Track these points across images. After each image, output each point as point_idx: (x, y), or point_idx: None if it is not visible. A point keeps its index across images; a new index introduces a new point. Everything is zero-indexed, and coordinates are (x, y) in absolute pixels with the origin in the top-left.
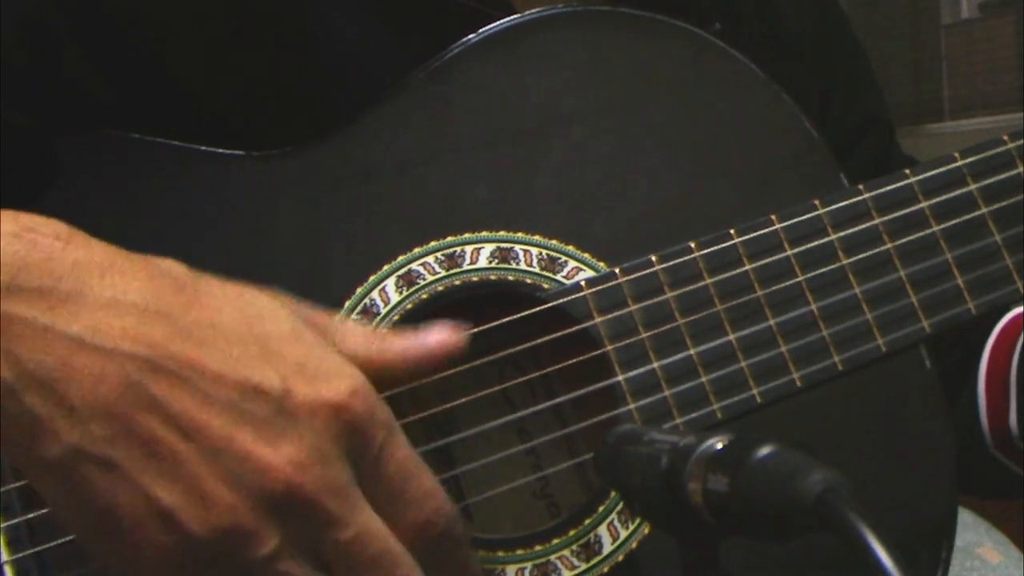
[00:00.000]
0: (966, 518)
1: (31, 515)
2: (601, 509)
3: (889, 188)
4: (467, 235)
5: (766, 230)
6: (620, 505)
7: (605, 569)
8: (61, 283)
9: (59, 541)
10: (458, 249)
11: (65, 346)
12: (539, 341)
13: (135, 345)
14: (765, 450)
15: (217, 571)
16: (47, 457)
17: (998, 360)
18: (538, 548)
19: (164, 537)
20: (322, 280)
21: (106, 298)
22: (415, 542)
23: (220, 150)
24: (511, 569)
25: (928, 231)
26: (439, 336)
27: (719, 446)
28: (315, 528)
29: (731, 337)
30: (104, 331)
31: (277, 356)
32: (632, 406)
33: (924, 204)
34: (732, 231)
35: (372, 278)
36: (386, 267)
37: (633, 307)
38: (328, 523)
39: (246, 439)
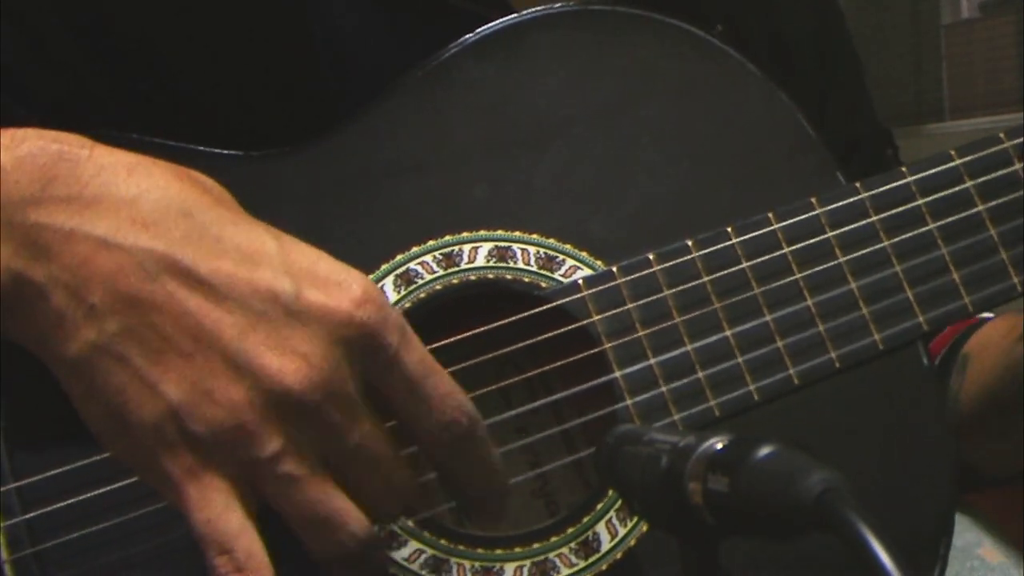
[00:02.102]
0: (966, 518)
1: (31, 515)
2: (599, 507)
3: (886, 186)
4: (465, 234)
5: (763, 228)
6: (619, 503)
7: (604, 567)
8: (87, 188)
9: (59, 540)
10: (456, 248)
11: (89, 247)
12: (537, 339)
13: (154, 241)
14: (765, 450)
15: (219, 468)
16: (68, 354)
17: None
18: (536, 546)
19: (168, 431)
20: None
21: (131, 196)
22: (440, 443)
23: (218, 150)
24: (509, 567)
25: (924, 228)
26: None
27: (719, 446)
28: (318, 434)
29: (728, 334)
30: (126, 229)
31: (292, 260)
32: (629, 403)
33: (920, 202)
34: (729, 229)
35: (370, 277)
36: (384, 266)
37: (630, 305)
38: (330, 430)
39: (256, 341)
